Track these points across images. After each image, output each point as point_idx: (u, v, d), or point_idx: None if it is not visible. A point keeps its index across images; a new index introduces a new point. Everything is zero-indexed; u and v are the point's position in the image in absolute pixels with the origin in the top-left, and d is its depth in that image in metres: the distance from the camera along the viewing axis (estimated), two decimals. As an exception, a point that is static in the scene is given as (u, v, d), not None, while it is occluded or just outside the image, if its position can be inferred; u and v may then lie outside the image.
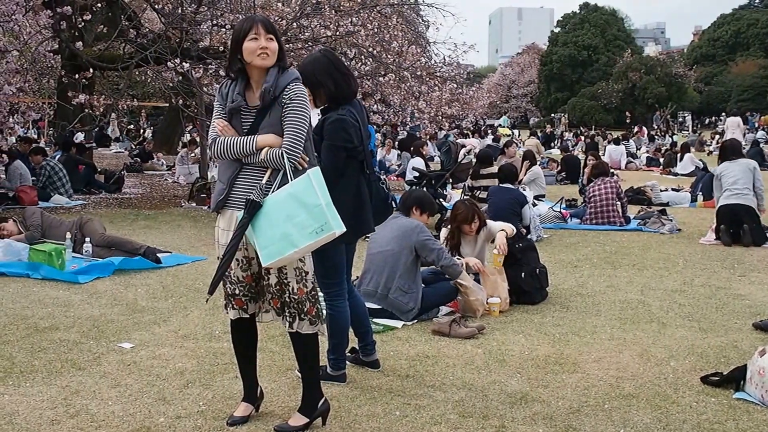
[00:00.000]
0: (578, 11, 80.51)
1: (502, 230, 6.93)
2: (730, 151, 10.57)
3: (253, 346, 4.17)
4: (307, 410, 4.02)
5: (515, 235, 7.12)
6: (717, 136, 37.52)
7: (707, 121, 62.55)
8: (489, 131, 36.08)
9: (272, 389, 4.54)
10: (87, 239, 8.45)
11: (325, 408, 4.06)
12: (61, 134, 16.86)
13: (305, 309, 3.87)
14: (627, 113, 54.33)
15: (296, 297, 3.85)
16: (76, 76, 13.66)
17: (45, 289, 7.09)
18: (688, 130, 52.77)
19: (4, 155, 14.04)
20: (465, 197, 11.69)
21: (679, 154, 22.38)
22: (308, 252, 3.75)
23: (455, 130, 24.91)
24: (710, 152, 31.84)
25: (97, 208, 13.18)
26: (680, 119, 58.22)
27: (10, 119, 13.41)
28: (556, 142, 35.74)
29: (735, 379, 4.62)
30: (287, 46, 13.54)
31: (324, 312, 4.04)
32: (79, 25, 13.48)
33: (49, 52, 15.83)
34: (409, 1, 20.39)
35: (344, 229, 3.65)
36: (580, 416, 4.24)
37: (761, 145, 29.01)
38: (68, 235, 8.44)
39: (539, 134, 35.61)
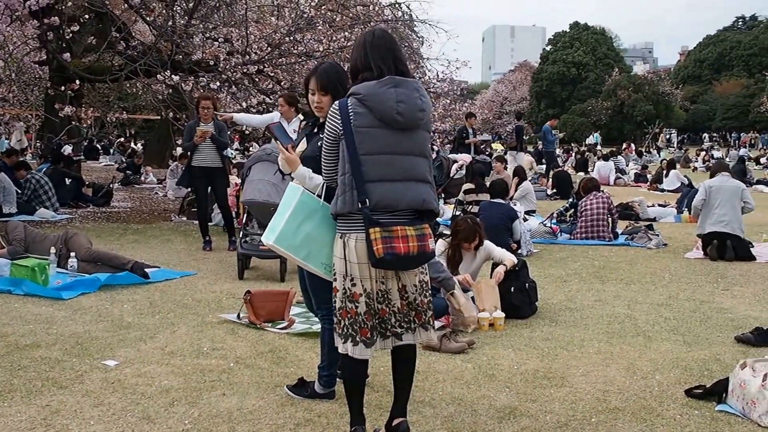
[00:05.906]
0: (569, 30, 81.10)
1: (503, 264, 6.97)
2: (720, 166, 10.81)
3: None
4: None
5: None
6: (702, 153, 37.87)
7: (681, 137, 63.31)
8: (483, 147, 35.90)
9: (260, 406, 4.49)
10: (72, 254, 8.18)
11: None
12: (48, 146, 16.76)
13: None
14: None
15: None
16: (63, 87, 13.57)
17: (27, 305, 6.93)
18: (674, 147, 53.13)
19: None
20: (457, 213, 11.76)
21: (665, 171, 22.48)
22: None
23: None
24: (695, 168, 32.08)
25: (84, 222, 13.09)
26: (666, 136, 58.77)
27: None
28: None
29: (717, 391, 4.66)
30: (280, 60, 13.58)
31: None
32: (67, 36, 13.39)
33: (35, 63, 15.80)
34: (402, 18, 20.40)
35: (269, 241, 3.89)
36: (567, 430, 4.22)
37: (746, 162, 29.37)
38: (53, 250, 8.15)
39: (531, 149, 35.54)
